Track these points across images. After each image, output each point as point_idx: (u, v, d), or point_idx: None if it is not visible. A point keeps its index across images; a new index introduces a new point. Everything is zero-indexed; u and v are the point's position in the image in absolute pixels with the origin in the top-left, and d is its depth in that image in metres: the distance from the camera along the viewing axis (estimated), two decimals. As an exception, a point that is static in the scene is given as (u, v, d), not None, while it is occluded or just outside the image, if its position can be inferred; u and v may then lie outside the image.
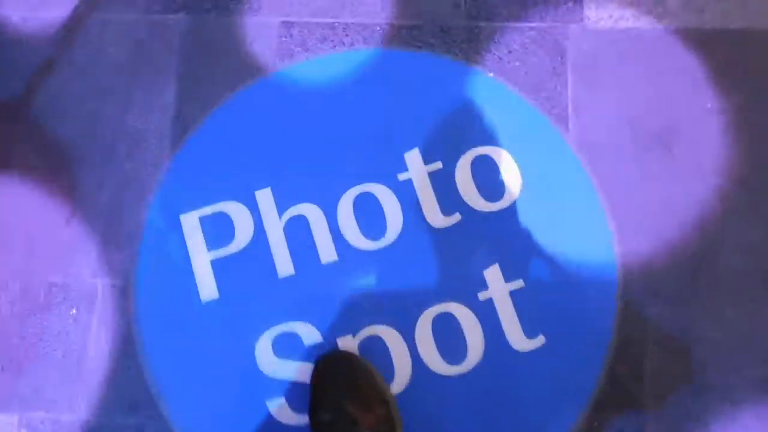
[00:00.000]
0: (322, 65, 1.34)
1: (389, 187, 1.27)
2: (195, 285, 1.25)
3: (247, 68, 1.34)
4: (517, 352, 1.20)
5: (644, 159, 1.27)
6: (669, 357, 1.19)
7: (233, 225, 1.27)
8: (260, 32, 1.36)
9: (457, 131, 1.30)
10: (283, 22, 1.36)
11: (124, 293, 1.25)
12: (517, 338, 1.21)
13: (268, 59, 1.35)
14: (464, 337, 1.21)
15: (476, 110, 1.30)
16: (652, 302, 1.21)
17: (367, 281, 1.23)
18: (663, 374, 1.18)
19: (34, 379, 1.22)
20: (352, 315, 1.22)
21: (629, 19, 1.33)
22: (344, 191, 1.27)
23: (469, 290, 1.23)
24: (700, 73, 1.30)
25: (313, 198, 1.27)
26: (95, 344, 1.23)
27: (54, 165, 1.32)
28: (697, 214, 1.25)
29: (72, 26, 1.38)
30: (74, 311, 1.24)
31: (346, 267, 1.24)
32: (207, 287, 1.24)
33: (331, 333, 1.22)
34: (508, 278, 1.23)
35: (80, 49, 1.37)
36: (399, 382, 1.20)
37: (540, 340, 1.20)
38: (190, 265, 1.25)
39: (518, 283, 1.23)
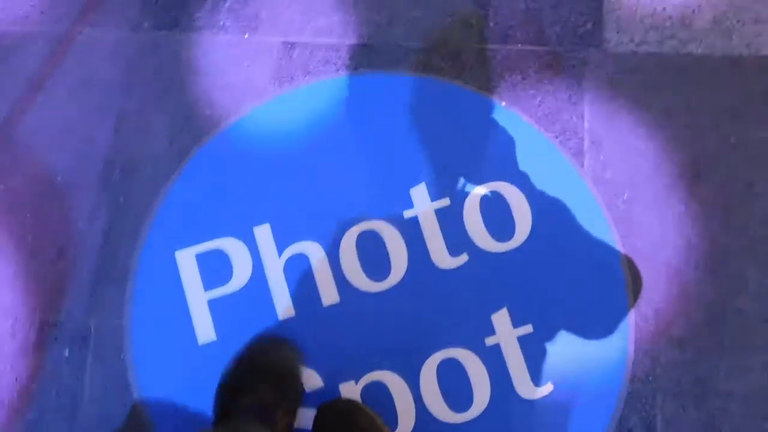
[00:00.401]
0: (324, 90, 1.27)
1: (394, 224, 1.22)
2: (192, 326, 1.21)
3: (244, 92, 1.27)
4: (524, 399, 1.17)
5: (664, 198, 1.21)
6: (683, 408, 1.15)
7: (231, 263, 1.22)
8: (259, 53, 1.28)
9: (467, 165, 1.23)
10: (283, 42, 1.27)
11: (118, 333, 1.21)
12: (525, 385, 1.17)
13: (267, 83, 1.27)
14: (470, 384, 1.18)
15: (487, 142, 1.23)
16: (666, 350, 1.17)
17: (371, 324, 1.19)
18: (676, 427, 1.14)
19: (28, 420, 1.19)
20: (354, 360, 1.19)
21: (652, 44, 1.24)
22: (347, 229, 1.22)
23: (476, 335, 1.19)
24: (725, 104, 1.23)
25: (315, 235, 1.22)
26: (89, 385, 1.20)
27: (44, 194, 1.26)
28: (717, 256, 1.20)
29: (60, 43, 1.30)
30: (67, 352, 1.20)
31: (348, 309, 1.20)
32: (204, 328, 1.20)
33: (333, 378, 1.18)
34: (516, 323, 1.18)
35: (69, 67, 1.29)
36: (402, 430, 1.16)
37: (548, 388, 1.17)
38: (187, 304, 1.21)
39: (527, 329, 1.19)
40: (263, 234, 1.23)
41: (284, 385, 1.12)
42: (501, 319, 1.19)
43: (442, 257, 1.21)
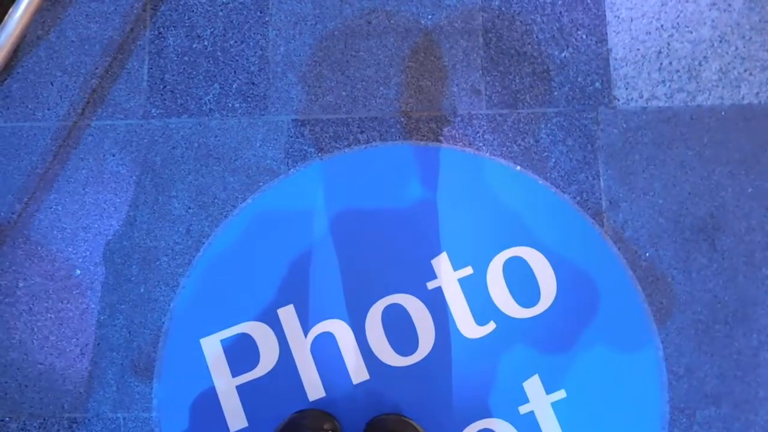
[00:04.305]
0: (338, 166, 1.30)
1: (418, 297, 1.24)
2: (222, 413, 1.23)
3: (257, 173, 1.30)
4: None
5: (686, 253, 1.24)
6: (722, 465, 1.17)
7: (257, 347, 1.24)
8: (270, 132, 1.31)
9: (487, 232, 1.26)
10: (293, 120, 1.30)
11: (147, 426, 1.22)
12: (563, 452, 1.19)
13: (280, 162, 1.30)
14: (508, 454, 1.20)
15: (505, 208, 1.26)
16: (702, 407, 1.19)
17: (401, 399, 1.21)
18: (717, 485, 1.17)
19: None
20: (388, 437, 1.20)
21: (661, 98, 1.28)
22: (371, 305, 1.25)
23: (509, 404, 1.21)
24: (739, 154, 1.26)
25: (339, 313, 1.25)
26: (123, 483, 1.21)
27: (63, 290, 1.28)
28: (744, 308, 1.22)
29: (69, 137, 1.32)
30: (98, 450, 1.21)
31: (378, 386, 1.23)
32: (235, 415, 1.22)
33: (368, 458, 1.20)
34: (549, 389, 1.21)
35: (79, 161, 1.32)
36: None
37: (586, 453, 1.19)
38: (216, 392, 1.23)
39: (560, 394, 1.21)
40: (288, 315, 1.25)
41: None
42: (533, 386, 1.22)
43: (469, 327, 1.23)
